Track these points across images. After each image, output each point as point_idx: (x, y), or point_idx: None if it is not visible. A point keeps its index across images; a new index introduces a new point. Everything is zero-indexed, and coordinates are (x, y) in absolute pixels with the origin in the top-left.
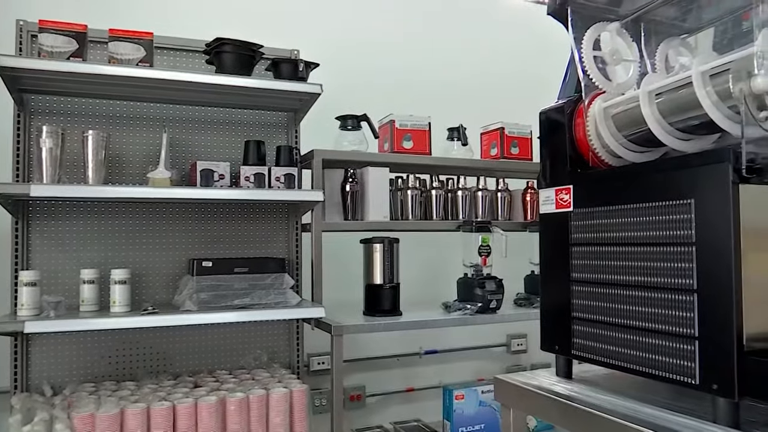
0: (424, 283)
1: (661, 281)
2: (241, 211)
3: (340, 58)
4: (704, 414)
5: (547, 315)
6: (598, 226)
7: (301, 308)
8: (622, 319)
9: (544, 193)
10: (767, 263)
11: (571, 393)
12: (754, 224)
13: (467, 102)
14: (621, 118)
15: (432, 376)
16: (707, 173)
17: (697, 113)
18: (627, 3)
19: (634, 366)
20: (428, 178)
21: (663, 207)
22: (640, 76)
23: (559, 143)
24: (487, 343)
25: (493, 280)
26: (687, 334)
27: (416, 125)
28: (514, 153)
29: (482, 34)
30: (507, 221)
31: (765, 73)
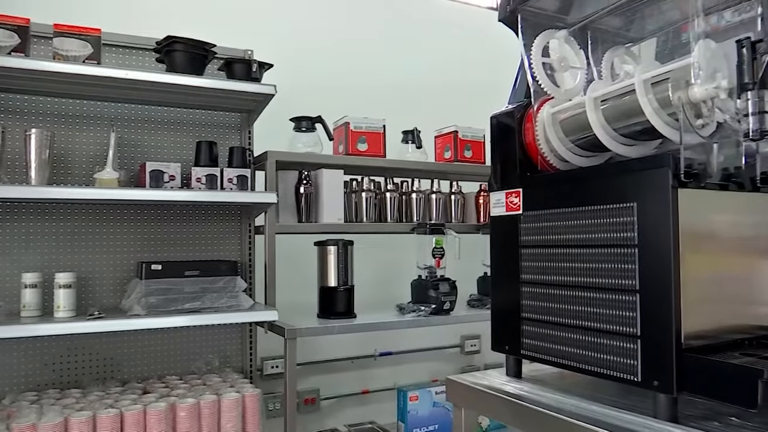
0: (378, 285)
1: (605, 282)
2: (193, 213)
3: (295, 60)
4: (647, 410)
5: (498, 316)
6: (546, 228)
7: (254, 311)
8: (569, 319)
9: (495, 196)
10: (704, 264)
11: (520, 392)
12: (691, 227)
13: (422, 105)
14: (568, 124)
15: (387, 378)
16: (648, 178)
17: (640, 120)
18: (575, 12)
19: (581, 365)
20: (383, 180)
21: (607, 210)
22: (587, 82)
23: (509, 147)
24: (442, 344)
25: (447, 282)
26: (630, 333)
27: (371, 128)
28: (468, 156)
29: (437, 38)
30: (460, 223)
31: (701, 83)
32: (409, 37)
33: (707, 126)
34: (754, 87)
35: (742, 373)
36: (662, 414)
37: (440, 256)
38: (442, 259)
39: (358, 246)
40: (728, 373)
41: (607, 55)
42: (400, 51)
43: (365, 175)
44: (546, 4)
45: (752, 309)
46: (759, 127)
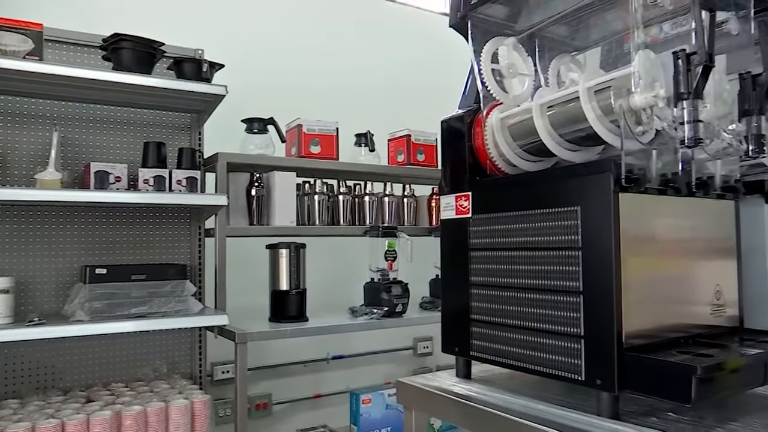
0: (331, 288)
1: (551, 284)
2: (140, 216)
3: (247, 60)
4: (591, 408)
5: (448, 318)
6: (494, 231)
7: (204, 316)
8: (516, 321)
9: (445, 200)
10: (644, 266)
11: (469, 393)
12: (632, 230)
13: (375, 108)
14: (516, 129)
15: (340, 382)
16: (591, 182)
17: (583, 126)
18: (523, 20)
19: (528, 365)
20: (335, 183)
21: (553, 213)
22: (535, 89)
23: (459, 151)
24: (395, 346)
25: (399, 285)
26: (574, 334)
27: (324, 130)
28: (420, 160)
29: (391, 42)
30: (413, 226)
31: (641, 92)
32: (363, 41)
33: (646, 133)
34: (688, 97)
35: (678, 370)
36: (605, 411)
37: (393, 258)
38: (394, 261)
39: (310, 249)
40: (665, 370)
41: (553, 62)
42: (354, 54)
43: (318, 177)
44: (495, 12)
45: (689, 308)
46: (693, 135)
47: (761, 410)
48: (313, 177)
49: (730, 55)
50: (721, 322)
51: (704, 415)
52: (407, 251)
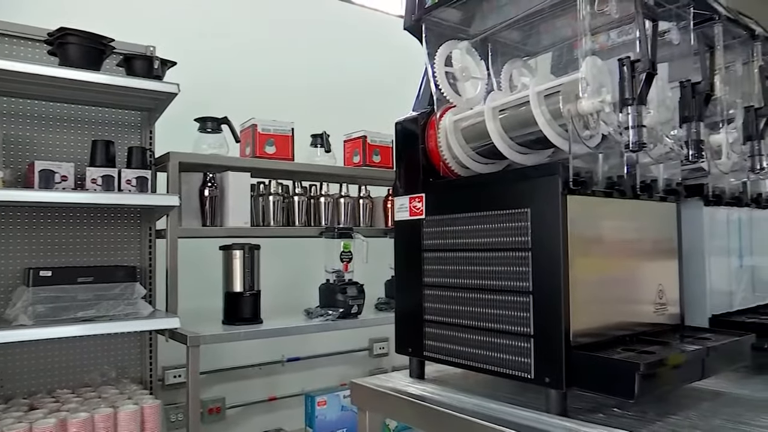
0: (286, 289)
1: (502, 284)
2: (88, 217)
3: (201, 59)
4: (541, 406)
5: (401, 319)
6: (448, 232)
7: (154, 319)
8: (469, 321)
9: (399, 201)
10: (591, 266)
11: (422, 393)
12: (579, 231)
13: (331, 109)
14: (468, 132)
15: (295, 384)
16: (540, 185)
17: (533, 130)
18: (476, 24)
19: (480, 365)
20: (291, 183)
21: (504, 215)
22: (487, 92)
23: (412, 153)
24: (350, 347)
25: (355, 286)
26: (524, 333)
27: (279, 130)
28: (376, 161)
29: (349, 44)
30: (369, 227)
31: (588, 97)
32: (320, 41)
33: (593, 137)
34: (633, 102)
35: (622, 368)
36: (553, 408)
37: (348, 260)
38: (350, 263)
39: (265, 250)
40: (610, 367)
41: (506, 66)
42: (311, 55)
43: (273, 178)
44: (449, 16)
45: (633, 307)
46: (637, 139)
47: (699, 403)
48: (268, 177)
49: (672, 63)
50: (663, 320)
51: (647, 409)
52: (363, 252)
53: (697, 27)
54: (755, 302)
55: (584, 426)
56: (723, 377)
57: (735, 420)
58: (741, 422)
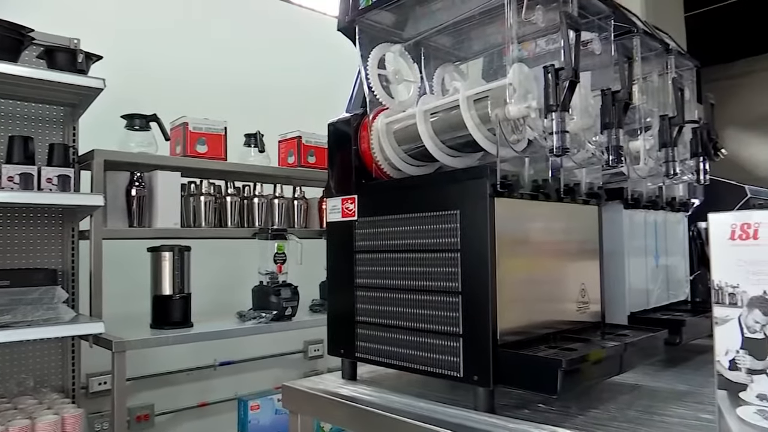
0: (217, 292)
1: (433, 285)
2: (4, 217)
3: (130, 54)
4: (469, 403)
5: (334, 320)
6: (379, 234)
7: (77, 324)
8: (400, 321)
9: (331, 202)
10: (517, 267)
11: (354, 394)
12: (506, 232)
13: (266, 109)
14: (401, 134)
15: (227, 388)
16: (469, 187)
17: (463, 133)
18: (410, 28)
19: (411, 365)
20: (223, 184)
21: (434, 217)
22: (420, 96)
23: (345, 155)
24: (285, 350)
25: (289, 288)
26: (453, 333)
27: (211, 129)
28: (311, 162)
29: (284, 43)
30: (303, 229)
31: (515, 102)
32: (255, 39)
33: (520, 141)
34: (557, 109)
35: (546, 364)
36: (481, 406)
37: (282, 261)
38: (284, 264)
39: (196, 252)
40: (535, 364)
41: (438, 70)
42: (246, 53)
43: (204, 178)
44: (382, 18)
45: (557, 306)
46: (561, 144)
47: (617, 396)
48: (199, 177)
49: (594, 72)
50: (585, 318)
51: (570, 404)
52: (297, 254)
53: (618, 38)
54: (669, 300)
55: (510, 422)
56: (640, 371)
57: (649, 411)
58: (654, 413)
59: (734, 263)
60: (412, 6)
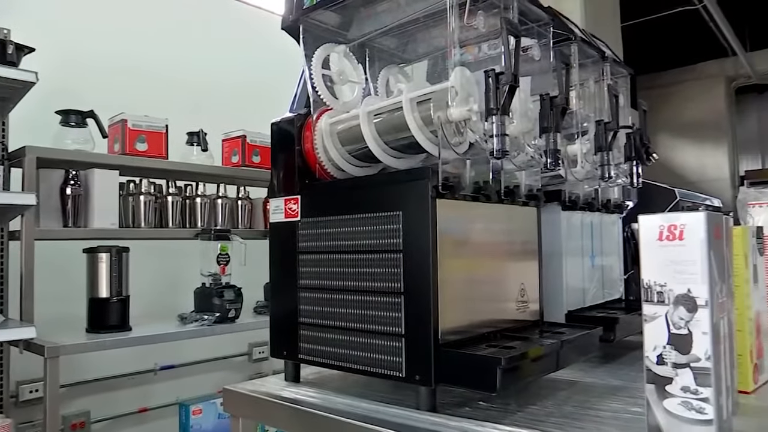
0: (158, 294)
1: (376, 285)
2: None
3: (65, 47)
4: (412, 403)
5: (276, 322)
6: (323, 234)
7: (5, 329)
8: (343, 322)
9: (275, 203)
10: (458, 267)
11: (297, 396)
12: (448, 233)
13: (209, 107)
14: (344, 135)
15: (169, 393)
16: (411, 188)
17: (406, 135)
18: (354, 29)
19: (354, 365)
20: (164, 183)
21: (377, 218)
22: (364, 97)
23: (288, 155)
24: (229, 353)
25: (232, 289)
26: (396, 333)
27: (152, 127)
28: (256, 161)
29: (229, 40)
30: (247, 229)
31: (457, 105)
32: (199, 36)
33: (462, 144)
34: (497, 112)
35: (485, 363)
36: (423, 405)
37: (225, 262)
38: (227, 265)
39: (135, 253)
40: (474, 363)
41: (383, 72)
42: (189, 49)
43: (144, 177)
44: (327, 19)
45: (497, 305)
46: (501, 147)
47: (555, 392)
48: (139, 176)
49: (534, 77)
50: (525, 316)
51: (510, 401)
52: (241, 255)
53: (556, 45)
54: (604, 298)
55: (451, 420)
56: (576, 367)
57: (584, 406)
58: (589, 407)
59: (662, 263)
60: (356, 7)
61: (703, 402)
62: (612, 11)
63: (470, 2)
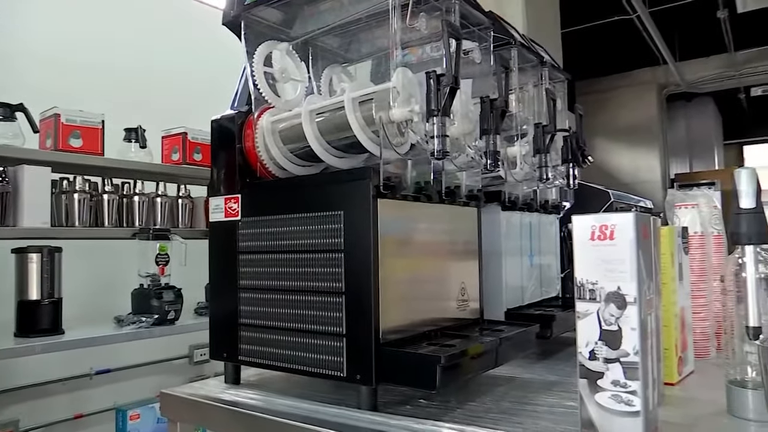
0: (94, 296)
1: (318, 285)
2: None
3: None
4: (353, 402)
5: (216, 323)
6: (263, 234)
7: None
8: (285, 323)
9: (214, 202)
10: (400, 267)
11: (236, 399)
12: (389, 233)
13: (149, 103)
14: (286, 133)
15: (105, 398)
16: (353, 188)
17: (348, 134)
18: (297, 27)
19: (296, 366)
20: (100, 180)
21: (319, 217)
22: (307, 95)
23: (229, 153)
24: (169, 356)
25: (172, 290)
26: (337, 333)
27: (87, 122)
28: (197, 159)
29: (171, 34)
30: (188, 229)
31: (398, 106)
32: (139, 28)
33: (403, 144)
34: (438, 113)
35: (425, 361)
36: (364, 404)
37: (165, 263)
38: (166, 266)
39: (68, 253)
40: (414, 361)
41: (326, 71)
42: (127, 42)
43: (79, 174)
44: (269, 15)
45: (438, 304)
46: (441, 148)
47: (494, 389)
48: (73, 173)
49: (475, 80)
50: (465, 315)
51: (450, 398)
52: (181, 255)
53: (497, 49)
54: (542, 296)
55: (392, 419)
56: (515, 364)
57: (522, 401)
58: (526, 403)
59: (594, 262)
60: (299, 5)
61: (631, 395)
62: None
63: (412, 4)
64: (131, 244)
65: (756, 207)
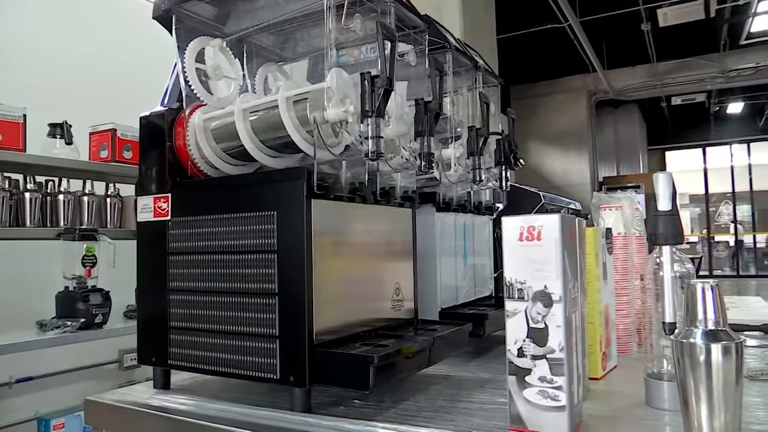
0: (14, 299)
1: (251, 287)
2: None
3: None
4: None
5: (144, 327)
6: (195, 235)
7: None
8: (216, 326)
9: (143, 201)
10: (334, 267)
11: (166, 404)
12: (323, 234)
13: (75, 97)
14: (219, 132)
15: (27, 408)
16: (286, 188)
17: (282, 134)
18: (231, 23)
19: (228, 369)
20: (21, 178)
21: (252, 218)
22: (241, 93)
23: (158, 151)
24: (97, 361)
25: (99, 293)
26: (270, 334)
27: (7, 116)
28: (127, 157)
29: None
30: (117, 229)
31: (333, 106)
32: (66, 17)
33: (338, 145)
34: (372, 115)
35: (358, 361)
36: (297, 406)
37: (92, 264)
38: (93, 267)
39: None
40: (347, 362)
41: (261, 69)
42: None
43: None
44: (202, 10)
45: (373, 304)
46: (375, 149)
47: (428, 387)
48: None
49: (410, 83)
50: (400, 315)
51: (384, 398)
52: (109, 256)
53: (432, 52)
54: (476, 296)
55: (324, 419)
56: (449, 362)
57: (455, 399)
58: (459, 400)
59: (522, 261)
60: (233, 1)
61: (557, 390)
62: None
63: (348, 5)
64: (55, 244)
65: (672, 210)
